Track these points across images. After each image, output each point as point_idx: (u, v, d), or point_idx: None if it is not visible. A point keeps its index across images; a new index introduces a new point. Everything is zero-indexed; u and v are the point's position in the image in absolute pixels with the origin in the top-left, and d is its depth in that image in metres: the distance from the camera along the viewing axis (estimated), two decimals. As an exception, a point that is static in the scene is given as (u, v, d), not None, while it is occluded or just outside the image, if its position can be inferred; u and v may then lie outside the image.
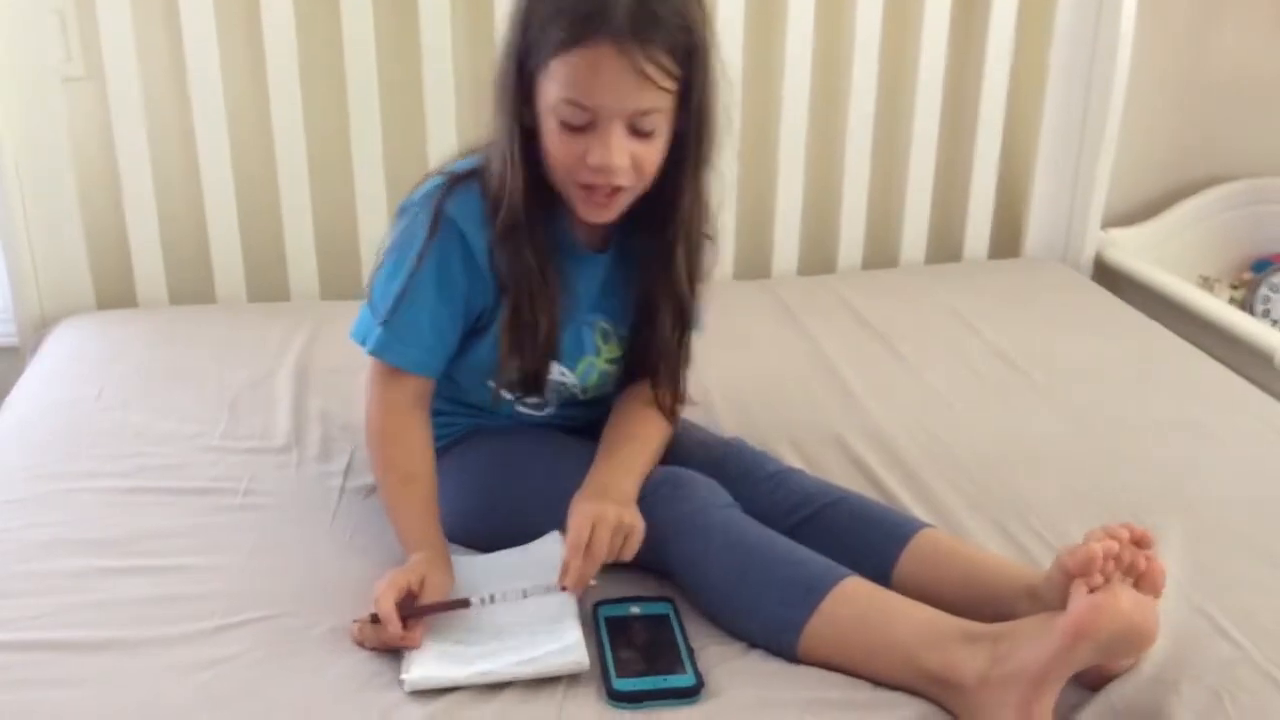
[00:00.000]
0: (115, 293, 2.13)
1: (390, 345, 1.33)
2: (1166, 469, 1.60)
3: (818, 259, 2.36)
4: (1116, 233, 2.46)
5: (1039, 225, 2.41)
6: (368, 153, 2.10)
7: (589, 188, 1.26)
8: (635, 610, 1.25)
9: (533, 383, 1.37)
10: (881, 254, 2.39)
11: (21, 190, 2.01)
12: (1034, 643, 1.09)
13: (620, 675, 1.16)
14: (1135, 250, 2.42)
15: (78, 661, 1.19)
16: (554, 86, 1.21)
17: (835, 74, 2.25)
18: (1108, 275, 2.38)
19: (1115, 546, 1.12)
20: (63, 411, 1.71)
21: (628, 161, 1.23)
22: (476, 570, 1.31)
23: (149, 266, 2.10)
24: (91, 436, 1.63)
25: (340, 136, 2.09)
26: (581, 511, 1.26)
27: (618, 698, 1.14)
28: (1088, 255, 2.40)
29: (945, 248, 2.42)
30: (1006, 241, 2.45)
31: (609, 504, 1.26)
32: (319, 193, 2.12)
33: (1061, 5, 2.26)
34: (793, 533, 1.30)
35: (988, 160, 2.35)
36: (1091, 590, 1.09)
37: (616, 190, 1.26)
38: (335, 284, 2.15)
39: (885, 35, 2.22)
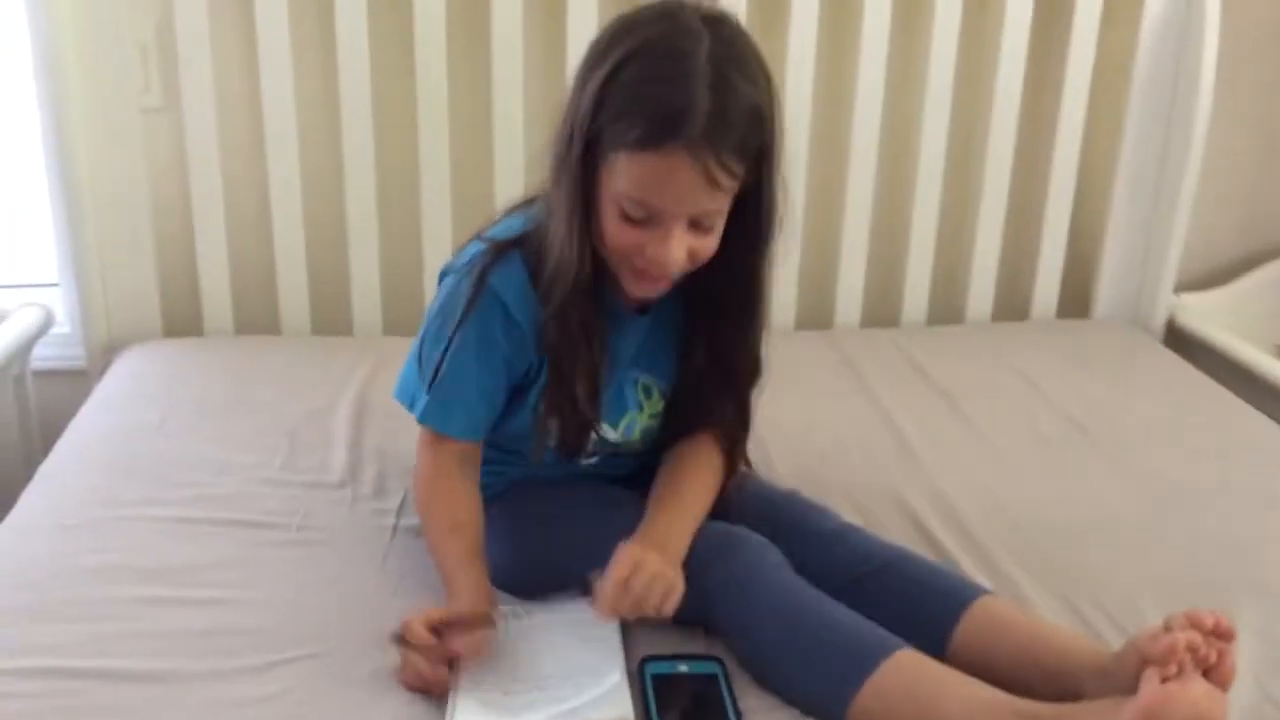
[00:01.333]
0: (182, 321, 2.16)
1: (436, 413, 1.35)
2: (1237, 543, 1.55)
3: (881, 311, 2.34)
4: (1189, 297, 2.41)
5: (1110, 286, 2.37)
6: (435, 192, 2.11)
7: (641, 270, 1.26)
8: (683, 669, 1.23)
9: (573, 447, 1.36)
10: (947, 309, 2.36)
11: (96, 217, 2.05)
12: (1098, 726, 1.06)
13: (666, 736, 1.14)
14: (1209, 315, 2.37)
15: (123, 691, 1.19)
16: (621, 180, 1.20)
17: (904, 126, 2.23)
18: (1180, 340, 2.33)
19: (1198, 638, 1.09)
20: (123, 437, 1.73)
21: (685, 256, 1.24)
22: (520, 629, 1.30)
23: (216, 296, 2.13)
24: (150, 464, 1.64)
25: (409, 175, 2.11)
26: (627, 552, 1.24)
27: (663, 759, 1.12)
28: (1159, 319, 2.35)
29: (1012, 305, 2.38)
30: (1076, 301, 2.41)
31: (654, 554, 1.25)
32: (386, 230, 2.14)
33: (1139, 62, 2.23)
34: (848, 592, 1.27)
35: (1059, 218, 2.32)
36: (1164, 679, 1.07)
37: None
38: (398, 320, 2.16)
39: (956, 88, 2.20)
